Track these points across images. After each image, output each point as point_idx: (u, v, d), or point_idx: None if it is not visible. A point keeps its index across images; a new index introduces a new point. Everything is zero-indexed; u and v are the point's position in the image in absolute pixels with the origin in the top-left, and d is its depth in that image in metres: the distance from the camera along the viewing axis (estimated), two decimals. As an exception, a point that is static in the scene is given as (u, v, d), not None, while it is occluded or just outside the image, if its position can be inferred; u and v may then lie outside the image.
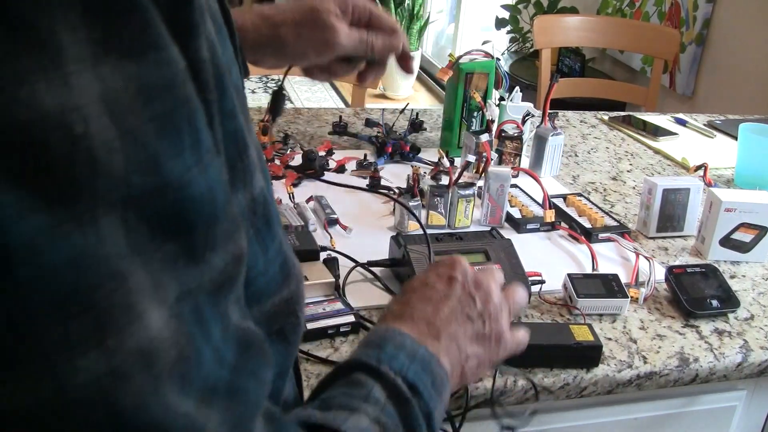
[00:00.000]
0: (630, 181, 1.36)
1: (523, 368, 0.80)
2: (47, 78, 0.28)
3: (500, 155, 1.28)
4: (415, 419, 0.49)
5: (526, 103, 1.34)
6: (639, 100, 2.35)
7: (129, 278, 0.30)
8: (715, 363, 0.86)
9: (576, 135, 1.58)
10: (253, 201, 0.42)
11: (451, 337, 0.58)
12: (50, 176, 0.28)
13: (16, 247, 0.27)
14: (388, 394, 0.49)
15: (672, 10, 2.77)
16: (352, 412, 0.46)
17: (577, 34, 2.36)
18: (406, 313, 0.58)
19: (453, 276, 0.62)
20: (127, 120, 0.30)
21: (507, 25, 3.65)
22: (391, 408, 0.49)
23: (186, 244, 0.33)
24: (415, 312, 0.58)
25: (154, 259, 0.31)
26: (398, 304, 0.61)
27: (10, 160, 0.27)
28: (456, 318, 0.59)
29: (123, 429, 0.30)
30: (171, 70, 0.32)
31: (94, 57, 0.29)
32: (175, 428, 0.32)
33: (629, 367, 0.83)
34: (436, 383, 0.53)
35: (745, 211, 1.05)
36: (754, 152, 1.35)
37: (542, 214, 1.13)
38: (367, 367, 0.51)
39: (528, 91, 2.26)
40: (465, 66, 1.29)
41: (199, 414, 0.33)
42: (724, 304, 0.94)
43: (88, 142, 0.29)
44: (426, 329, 0.57)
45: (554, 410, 0.88)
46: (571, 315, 0.91)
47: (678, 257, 1.09)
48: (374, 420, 0.47)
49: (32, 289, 0.28)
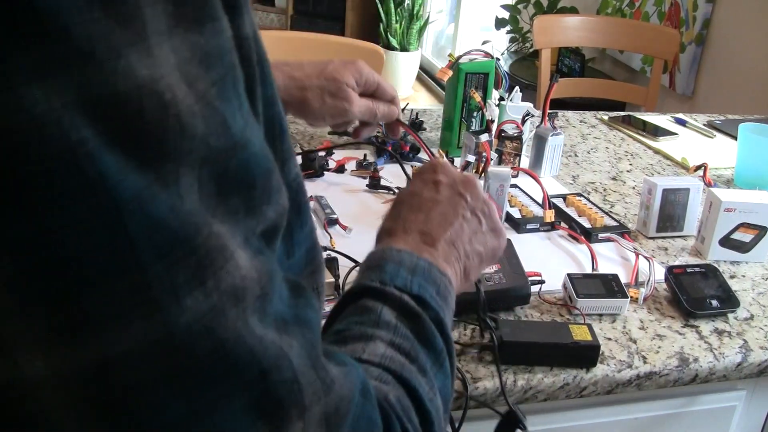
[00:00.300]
0: (630, 181, 1.36)
1: (521, 365, 0.80)
2: (137, 50, 0.31)
3: (500, 155, 1.28)
4: (428, 331, 0.51)
5: (526, 103, 1.34)
6: (639, 100, 2.36)
7: (213, 227, 0.33)
8: (715, 363, 0.86)
9: (576, 135, 1.58)
10: (287, 186, 0.44)
11: (447, 240, 0.59)
12: (145, 140, 0.31)
13: (124, 201, 0.30)
14: (397, 314, 0.51)
15: (672, 10, 2.77)
16: (367, 342, 0.48)
17: (576, 34, 2.36)
18: (398, 228, 0.60)
19: (438, 180, 0.63)
20: (198, 86, 0.33)
21: (507, 25, 3.65)
22: (403, 326, 0.50)
23: (246, 198, 0.36)
24: (407, 224, 0.60)
25: (222, 212, 0.35)
26: (389, 221, 0.62)
27: (111, 126, 0.30)
28: (449, 220, 0.61)
29: (226, 359, 0.33)
30: (223, 38, 0.35)
31: (168, 29, 0.32)
32: (268, 354, 0.35)
33: (629, 367, 0.83)
34: (440, 291, 0.55)
35: (745, 211, 1.05)
36: (753, 152, 1.36)
37: (542, 214, 1.13)
38: (372, 290, 0.52)
39: (528, 91, 2.26)
40: (465, 66, 1.29)
41: (282, 341, 0.36)
42: (723, 304, 0.94)
43: (175, 108, 0.32)
44: (420, 239, 0.59)
45: (554, 410, 0.88)
46: (571, 315, 0.91)
47: (678, 257, 1.09)
48: (389, 344, 0.49)
49: (142, 239, 0.31)
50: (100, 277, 0.31)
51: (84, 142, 0.29)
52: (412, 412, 0.46)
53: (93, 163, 0.29)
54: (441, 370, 0.51)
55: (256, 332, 0.35)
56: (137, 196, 0.31)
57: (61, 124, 0.29)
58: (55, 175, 0.29)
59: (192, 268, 0.32)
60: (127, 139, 0.30)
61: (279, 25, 5.06)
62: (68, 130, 0.29)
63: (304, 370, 0.37)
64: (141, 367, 0.32)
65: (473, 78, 1.30)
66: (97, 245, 0.30)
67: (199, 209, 0.33)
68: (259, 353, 0.35)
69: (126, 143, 0.30)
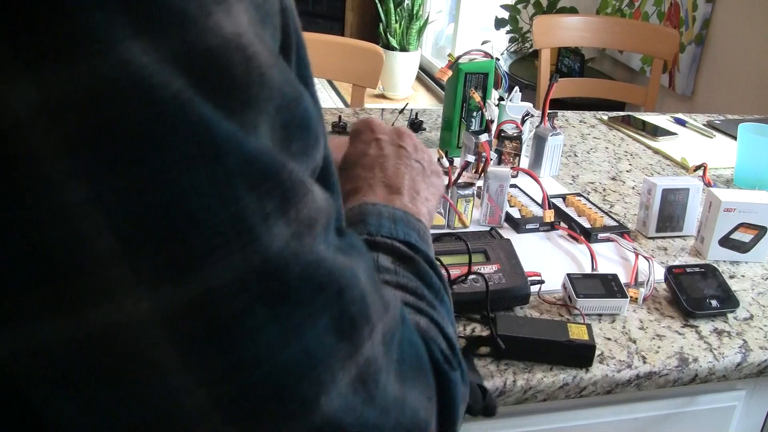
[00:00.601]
0: (629, 181, 1.36)
1: (515, 360, 0.80)
2: (222, 10, 0.34)
3: (499, 155, 1.28)
4: (424, 271, 0.54)
5: (526, 103, 1.34)
6: (638, 100, 2.36)
7: (291, 164, 0.37)
8: (715, 363, 0.86)
9: (575, 135, 1.58)
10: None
11: (408, 188, 0.64)
12: (233, 91, 0.34)
13: (223, 140, 0.33)
14: (392, 259, 0.53)
15: (671, 10, 2.77)
16: None
17: (576, 34, 2.36)
18: (362, 186, 0.64)
19: (377, 138, 0.69)
20: (266, 41, 0.36)
21: (506, 25, 3.65)
22: (402, 269, 0.53)
23: (305, 143, 0.39)
24: (369, 181, 0.64)
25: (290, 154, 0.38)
26: (350, 182, 0.65)
27: (204, 79, 0.33)
28: (402, 171, 0.66)
29: (310, 280, 0.36)
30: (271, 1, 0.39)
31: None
32: (342, 274, 0.38)
33: (628, 367, 0.83)
34: (420, 234, 0.58)
35: (745, 211, 1.05)
36: (753, 152, 1.36)
37: (542, 214, 1.13)
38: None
39: (527, 91, 2.27)
40: (464, 66, 1.29)
41: (350, 265, 0.39)
42: (723, 304, 0.94)
43: (257, 61, 0.35)
44: (386, 191, 0.63)
45: (554, 410, 0.88)
46: (571, 315, 0.91)
47: (677, 257, 1.09)
48: (396, 285, 0.51)
49: (238, 173, 0.34)
50: (203, 211, 0.33)
51: (183, 90, 0.32)
52: (440, 337, 0.49)
53: (193, 108, 0.32)
54: (443, 305, 0.54)
55: (329, 255, 0.38)
56: (233, 137, 0.33)
57: (161, 75, 0.31)
58: (160, 120, 0.32)
59: (278, 199, 0.35)
60: (218, 90, 0.33)
61: (279, 25, 5.05)
62: (168, 82, 0.31)
63: (369, 290, 0.40)
64: (241, 295, 0.34)
65: (473, 78, 1.30)
66: (200, 181, 0.33)
67: (277, 150, 0.36)
68: (335, 273, 0.38)
69: (217, 94, 0.33)
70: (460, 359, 0.49)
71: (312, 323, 0.36)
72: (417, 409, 0.42)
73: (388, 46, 4.20)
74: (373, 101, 4.09)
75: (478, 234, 1.01)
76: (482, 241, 0.97)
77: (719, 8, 2.57)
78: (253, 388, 0.35)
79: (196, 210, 0.33)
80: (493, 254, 0.93)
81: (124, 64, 0.31)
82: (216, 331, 0.34)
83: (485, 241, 0.97)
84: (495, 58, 1.31)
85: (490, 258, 0.93)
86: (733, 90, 2.51)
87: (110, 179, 0.31)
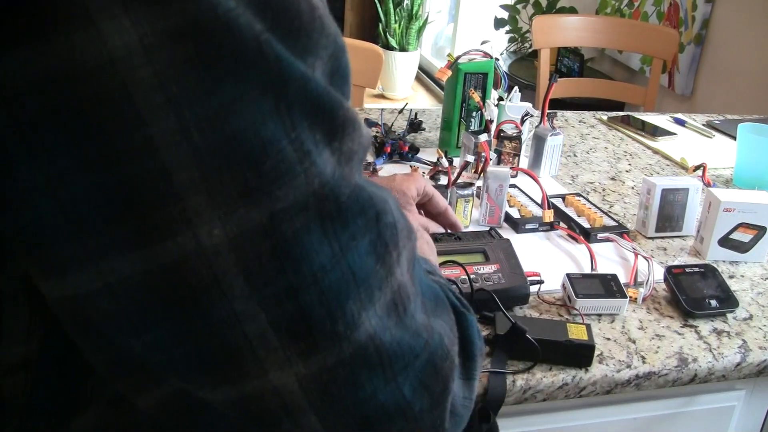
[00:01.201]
0: (629, 181, 1.36)
1: (518, 361, 0.80)
2: None
3: (499, 155, 1.28)
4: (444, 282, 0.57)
5: (525, 103, 1.34)
6: (638, 100, 2.36)
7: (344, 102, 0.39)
8: (714, 363, 0.86)
9: (575, 135, 1.58)
10: None
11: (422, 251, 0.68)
12: (300, 35, 0.36)
13: (290, 78, 0.36)
14: None
15: (671, 10, 2.77)
16: None
17: (575, 34, 2.36)
18: None
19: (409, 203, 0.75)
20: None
21: (506, 25, 3.65)
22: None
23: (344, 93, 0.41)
24: None
25: None
26: None
27: (278, 23, 0.35)
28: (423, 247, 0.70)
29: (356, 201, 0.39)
30: None
31: None
32: (378, 199, 0.40)
33: (628, 367, 0.83)
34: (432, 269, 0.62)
35: (744, 211, 1.05)
36: (753, 152, 1.36)
37: (541, 214, 1.13)
38: None
39: (527, 91, 2.27)
40: (464, 66, 1.29)
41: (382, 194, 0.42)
42: (722, 304, 0.94)
43: (319, 10, 0.38)
44: None
45: (554, 410, 0.88)
46: (570, 315, 0.91)
47: (677, 257, 1.09)
48: None
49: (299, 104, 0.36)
50: (271, 138, 0.35)
51: (262, 32, 0.35)
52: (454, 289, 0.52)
53: (272, 48, 0.35)
54: None
55: (366, 184, 0.40)
56: (300, 75, 0.36)
57: (245, 17, 0.34)
58: (242, 55, 0.34)
59: (327, 129, 0.38)
60: (289, 34, 0.36)
61: (278, 25, 5.05)
62: (251, 23, 0.34)
63: (398, 216, 0.43)
64: (300, 215, 0.36)
65: (472, 78, 1.30)
66: (268, 111, 0.35)
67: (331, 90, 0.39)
68: (374, 197, 0.40)
69: (288, 37, 0.36)
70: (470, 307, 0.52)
71: (356, 244, 0.39)
72: (442, 336, 0.45)
73: (388, 46, 4.20)
74: (372, 101, 4.09)
75: (478, 234, 1.01)
76: (482, 241, 0.97)
77: (718, 8, 2.57)
78: (309, 306, 0.37)
79: (265, 136, 0.35)
80: (492, 254, 0.93)
81: (213, 6, 0.33)
82: (278, 253, 0.36)
83: (485, 241, 0.97)
84: (494, 58, 1.31)
85: (489, 258, 0.93)
86: (733, 90, 2.51)
87: (196, 109, 0.33)
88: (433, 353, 0.43)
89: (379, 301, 0.40)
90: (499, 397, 0.77)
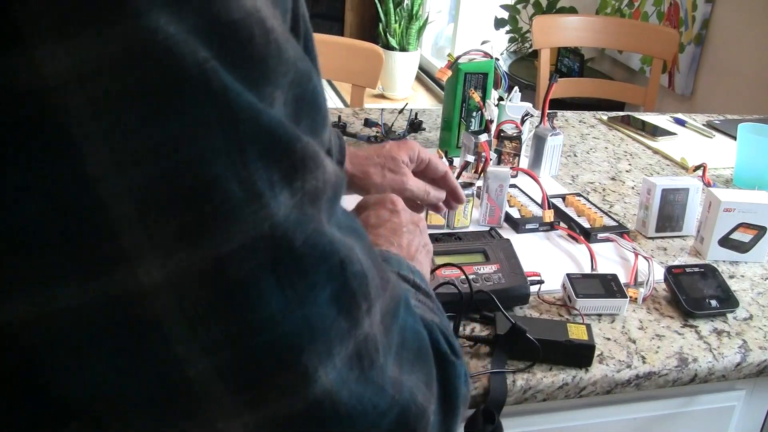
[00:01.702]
0: (629, 181, 1.36)
1: (518, 360, 0.80)
2: None
3: (499, 155, 1.28)
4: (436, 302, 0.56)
5: (525, 103, 1.34)
6: (638, 100, 2.35)
7: (303, 137, 0.37)
8: (714, 363, 0.86)
9: (575, 135, 1.58)
10: None
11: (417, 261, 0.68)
12: (253, 62, 0.35)
13: (241, 110, 0.34)
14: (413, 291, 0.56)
15: (671, 10, 2.77)
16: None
17: (576, 34, 2.36)
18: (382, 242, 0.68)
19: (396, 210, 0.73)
20: (279, 19, 0.37)
21: (506, 25, 3.65)
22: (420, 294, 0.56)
23: (316, 120, 0.40)
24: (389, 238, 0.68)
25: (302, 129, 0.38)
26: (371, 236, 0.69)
27: (227, 49, 0.33)
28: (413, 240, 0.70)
29: (314, 249, 0.37)
30: None
31: None
32: (343, 247, 0.38)
33: (628, 367, 0.83)
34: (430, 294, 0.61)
35: (744, 211, 1.05)
36: (753, 152, 1.36)
37: (541, 214, 1.13)
38: None
39: (527, 91, 2.26)
40: (464, 66, 1.29)
41: (348, 241, 0.40)
42: (723, 304, 0.94)
43: (274, 34, 0.36)
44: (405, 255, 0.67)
45: (554, 410, 0.88)
46: (570, 315, 0.91)
47: (677, 257, 1.09)
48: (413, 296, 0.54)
49: (251, 141, 0.34)
50: (216, 176, 0.33)
51: (207, 60, 0.33)
52: (445, 329, 0.50)
53: (218, 77, 0.33)
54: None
55: (330, 229, 0.38)
56: (251, 107, 0.34)
57: (187, 45, 0.32)
58: (183, 86, 0.32)
59: (286, 168, 0.36)
60: (240, 62, 0.34)
61: (278, 25, 5.05)
62: (194, 51, 0.32)
63: (368, 265, 0.41)
64: (248, 261, 0.34)
65: (472, 78, 1.30)
66: (216, 147, 0.33)
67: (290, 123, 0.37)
68: (337, 244, 0.38)
69: (239, 65, 0.34)
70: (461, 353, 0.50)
71: (315, 294, 0.37)
72: (415, 394, 0.42)
73: (388, 46, 4.20)
74: (372, 101, 4.09)
75: (478, 234, 1.01)
76: (482, 241, 0.97)
77: (719, 8, 2.57)
78: (256, 356, 0.35)
79: (210, 175, 0.33)
80: (492, 254, 0.93)
81: (151, 32, 0.31)
82: (223, 298, 0.34)
83: (485, 241, 0.97)
84: (494, 58, 1.31)
85: (489, 258, 0.93)
86: (733, 90, 2.51)
87: (132, 143, 0.32)
88: (404, 411, 0.41)
89: (339, 354, 0.38)
90: (500, 397, 0.77)
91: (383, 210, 0.73)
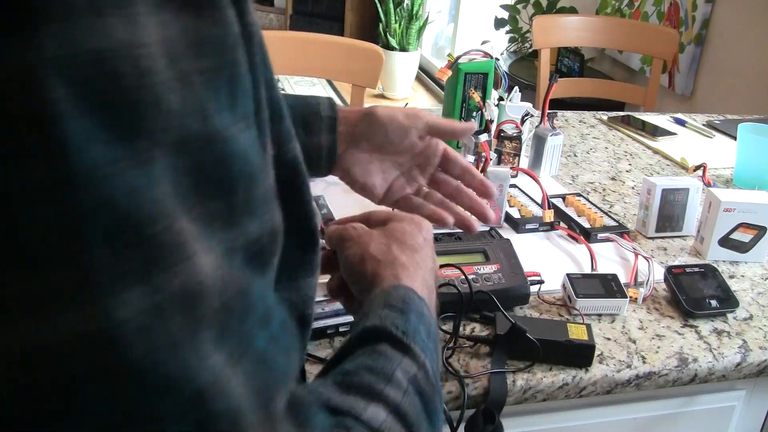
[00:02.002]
0: (629, 181, 1.36)
1: (518, 360, 0.80)
2: (120, 15, 0.29)
3: (499, 155, 1.28)
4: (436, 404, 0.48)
5: (525, 103, 1.34)
6: (638, 100, 2.35)
7: (179, 221, 0.31)
8: (714, 363, 0.86)
9: (575, 135, 1.58)
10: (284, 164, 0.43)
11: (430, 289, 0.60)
12: (117, 108, 0.29)
13: (81, 173, 0.28)
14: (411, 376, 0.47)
15: (671, 10, 2.77)
16: (370, 402, 0.44)
17: (576, 34, 2.36)
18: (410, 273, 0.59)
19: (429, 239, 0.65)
20: (183, 67, 0.31)
21: (506, 25, 3.65)
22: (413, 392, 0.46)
23: (225, 205, 0.33)
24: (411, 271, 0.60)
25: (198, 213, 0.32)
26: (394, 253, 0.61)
27: (86, 89, 0.28)
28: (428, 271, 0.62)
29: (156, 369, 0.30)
30: (224, 30, 0.34)
31: (159, 3, 0.31)
32: (201, 378, 0.31)
33: (628, 367, 0.83)
34: (437, 348, 0.53)
35: (744, 211, 1.05)
36: (753, 152, 1.36)
37: (541, 214, 1.13)
38: (394, 340, 0.49)
39: (527, 91, 2.26)
40: (464, 66, 1.29)
41: (226, 370, 0.32)
42: (723, 304, 0.94)
43: (151, 78, 0.30)
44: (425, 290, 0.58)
45: (554, 410, 0.88)
46: (570, 315, 0.91)
47: (677, 257, 1.09)
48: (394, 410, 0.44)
49: (91, 217, 0.28)
50: (37, 254, 0.28)
51: (55, 102, 0.27)
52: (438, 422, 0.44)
53: (58, 125, 0.27)
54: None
55: (201, 348, 0.31)
56: (96, 170, 0.28)
57: (34, 80, 0.27)
58: (17, 133, 0.27)
59: (139, 259, 0.29)
60: (101, 105, 0.28)
61: (278, 25, 5.06)
62: (40, 88, 0.27)
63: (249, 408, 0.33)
64: (66, 362, 0.29)
65: (472, 78, 1.30)
66: (43, 217, 0.28)
67: (168, 200, 0.31)
68: (190, 373, 0.31)
69: (100, 110, 0.28)
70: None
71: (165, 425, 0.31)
72: None
73: (388, 46, 4.20)
74: (372, 101, 4.09)
75: (478, 234, 1.01)
76: (482, 241, 0.97)
77: (719, 8, 2.57)
78: None
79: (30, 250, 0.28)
80: (492, 254, 0.93)
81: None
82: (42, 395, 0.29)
83: (485, 241, 0.97)
84: (494, 58, 1.31)
85: (489, 258, 0.93)
86: (733, 90, 2.51)
87: None
88: None
89: None
90: (500, 397, 0.77)
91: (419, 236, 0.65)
